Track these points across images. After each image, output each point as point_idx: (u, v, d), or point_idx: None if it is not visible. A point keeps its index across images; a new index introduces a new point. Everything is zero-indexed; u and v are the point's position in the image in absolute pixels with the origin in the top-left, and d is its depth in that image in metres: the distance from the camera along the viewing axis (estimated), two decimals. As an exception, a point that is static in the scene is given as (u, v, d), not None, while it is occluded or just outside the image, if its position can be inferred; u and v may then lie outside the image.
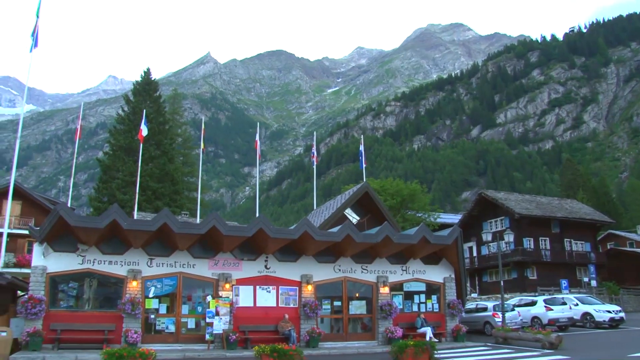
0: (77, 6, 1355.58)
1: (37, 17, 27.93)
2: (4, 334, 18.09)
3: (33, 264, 19.71)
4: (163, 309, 20.66)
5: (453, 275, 25.35)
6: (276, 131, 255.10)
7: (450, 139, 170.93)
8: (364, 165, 36.25)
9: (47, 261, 19.64)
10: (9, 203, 26.92)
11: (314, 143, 40.66)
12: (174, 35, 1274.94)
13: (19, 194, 34.50)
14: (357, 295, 23.60)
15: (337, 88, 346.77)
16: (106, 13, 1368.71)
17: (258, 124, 42.04)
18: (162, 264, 20.73)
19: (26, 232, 34.59)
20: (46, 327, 18.90)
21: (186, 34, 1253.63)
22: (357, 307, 23.37)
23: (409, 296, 24.60)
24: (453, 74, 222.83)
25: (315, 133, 45.65)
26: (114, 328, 19.41)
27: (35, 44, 28.07)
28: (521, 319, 28.12)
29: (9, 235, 27.71)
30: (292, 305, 22.03)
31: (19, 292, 23.04)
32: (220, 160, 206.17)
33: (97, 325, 19.46)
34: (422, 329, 22.57)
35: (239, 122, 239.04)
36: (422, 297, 24.80)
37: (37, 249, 19.75)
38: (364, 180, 34.42)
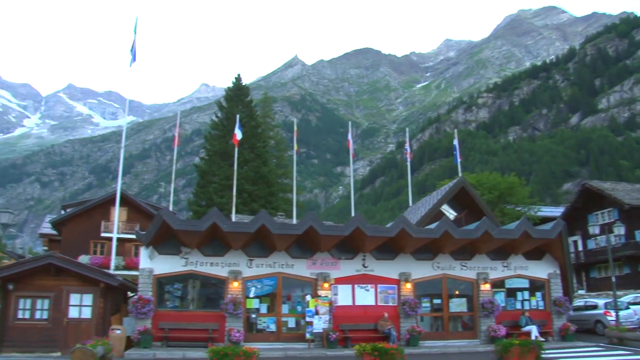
0: (171, 20, 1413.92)
1: (135, 33, 29.27)
2: (118, 331, 19.10)
3: (140, 266, 20.68)
4: (264, 309, 21.07)
5: (558, 271, 24.12)
6: (367, 129, 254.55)
7: (547, 128, 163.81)
8: (458, 160, 35.39)
9: (153, 264, 20.54)
10: (116, 209, 28.39)
11: (407, 139, 40.16)
12: (262, 40, 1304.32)
13: (124, 200, 36.25)
14: (457, 292, 23.02)
15: (426, 83, 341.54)
16: (197, 24, 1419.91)
17: (350, 123, 42.01)
18: (262, 264, 21.12)
19: (132, 236, 36.31)
20: (155, 325, 19.78)
21: (273, 39, 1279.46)
22: (458, 305, 22.79)
23: (511, 293, 23.64)
24: (548, 60, 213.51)
25: (407, 129, 45.05)
26: (218, 327, 20.00)
27: (134, 59, 29.40)
28: (638, 318, 26.26)
29: (118, 239, 29.17)
30: (391, 304, 21.80)
31: (129, 293, 24.21)
32: (313, 161, 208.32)
33: (201, 324, 20.14)
34: (527, 328, 21.62)
35: (329, 122, 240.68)
36: (526, 294, 23.74)
37: (143, 252, 20.71)
38: (460, 175, 33.60)
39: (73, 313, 19.63)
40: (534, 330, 21.26)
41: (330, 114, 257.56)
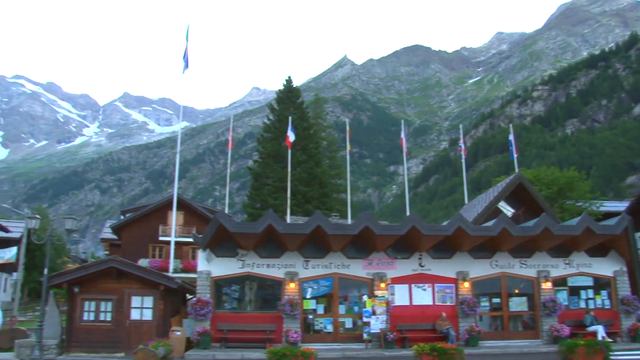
0: (221, 25, 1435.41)
1: (187, 40, 29.85)
2: (178, 333, 19.50)
3: (198, 269, 21.04)
4: (320, 309, 21.09)
5: (625, 269, 23.15)
6: (419, 127, 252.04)
7: (607, 119, 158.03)
8: (515, 155, 34.53)
9: (210, 266, 20.86)
10: (173, 214, 28.98)
11: (461, 136, 39.49)
12: (311, 42, 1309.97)
13: (181, 205, 36.99)
14: (516, 291, 22.45)
15: (478, 78, 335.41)
16: (247, 29, 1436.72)
17: (402, 121, 41.62)
18: (318, 265, 21.15)
19: (189, 239, 37.04)
20: (213, 327, 20.09)
21: (322, 40, 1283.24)
22: (518, 304, 22.21)
23: (574, 292, 22.84)
24: (607, 49, 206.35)
25: (460, 126, 44.27)
26: (275, 328, 20.14)
27: (187, 66, 29.95)
28: None
29: (175, 243, 29.76)
30: (448, 303, 21.46)
31: (187, 295, 24.66)
32: (366, 161, 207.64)
33: (258, 325, 20.33)
34: (592, 328, 20.84)
35: (380, 122, 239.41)
36: (590, 292, 22.86)
37: (201, 255, 21.07)
38: (516, 170, 32.81)
39: (135, 315, 20.13)
40: (600, 331, 20.48)
41: (381, 113, 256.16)
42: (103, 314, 20.13)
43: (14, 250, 34.18)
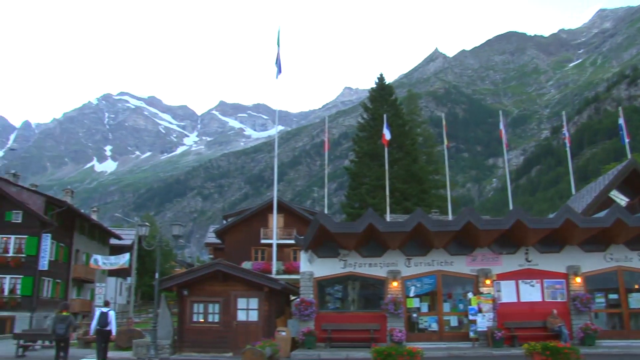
0: (310, 27, 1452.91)
1: (278, 46, 30.27)
2: (283, 333, 19.80)
3: (301, 270, 21.29)
4: (424, 308, 20.79)
5: None
6: (517, 117, 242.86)
7: None
8: (626, 140, 32.38)
9: (313, 267, 21.05)
10: (274, 216, 29.53)
11: (564, 123, 37.60)
12: (401, 38, 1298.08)
13: (280, 207, 37.55)
14: (636, 286, 20.99)
15: (579, 60, 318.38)
16: (335, 29, 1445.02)
17: (500, 112, 40.18)
18: (420, 263, 20.82)
19: (290, 241, 37.50)
20: (318, 327, 20.26)
21: (412, 35, 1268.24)
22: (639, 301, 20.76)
23: None
24: None
25: (563, 113, 42.20)
26: (379, 327, 20.05)
27: (280, 71, 30.39)
28: None
29: (277, 245, 30.27)
30: (559, 300, 20.44)
31: (291, 296, 25.03)
32: (463, 155, 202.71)
33: (362, 325, 20.29)
34: None
35: (476, 114, 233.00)
36: None
37: (303, 256, 21.31)
38: (629, 156, 30.76)
39: (241, 316, 20.65)
40: None
41: (477, 105, 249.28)
42: (211, 316, 20.80)
43: (126, 256, 36.00)
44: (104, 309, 17.26)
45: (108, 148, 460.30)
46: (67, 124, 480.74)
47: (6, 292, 36.96)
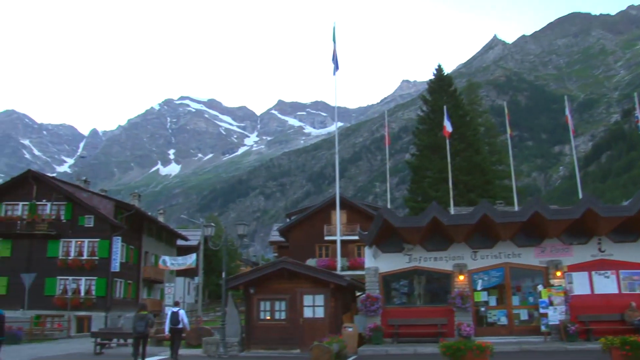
0: (364, 22, 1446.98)
1: (334, 42, 30.23)
2: (350, 329, 19.79)
3: (366, 265, 21.24)
4: (493, 301, 20.39)
5: None
6: (584, 101, 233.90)
7: None
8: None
9: (377, 262, 20.96)
10: (337, 213, 29.55)
11: (636, 105, 35.91)
12: (458, 27, 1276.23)
13: (343, 203, 37.49)
14: None
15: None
16: (390, 23, 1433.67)
17: (565, 97, 38.81)
18: (487, 255, 20.40)
19: (353, 237, 37.55)
20: (384, 322, 20.18)
21: (469, 23, 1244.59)
22: None
23: None
24: None
25: (635, 94, 40.43)
26: (446, 322, 19.80)
27: (337, 67, 30.36)
28: None
29: (340, 241, 30.27)
30: (638, 292, 19.56)
31: (356, 292, 25.00)
32: (527, 143, 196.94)
33: (429, 319, 20.08)
34: None
35: (540, 100, 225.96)
36: None
37: (367, 251, 21.25)
38: None
39: (307, 313, 20.74)
40: None
41: (540, 92, 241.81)
42: (278, 313, 21.01)
43: (193, 256, 36.90)
44: (175, 309, 18.21)
45: (171, 151, 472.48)
46: (132, 130, 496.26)
47: (82, 293, 38.51)
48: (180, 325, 18.02)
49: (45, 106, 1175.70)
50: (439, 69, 58.42)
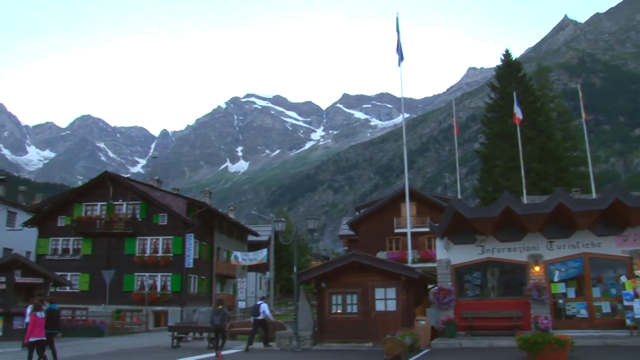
0: (428, 9, 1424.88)
1: (398, 33, 29.84)
2: (423, 322, 19.55)
3: (437, 257, 20.93)
4: (571, 293, 19.62)
5: None
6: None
7: None
8: None
9: (449, 254, 20.61)
10: (407, 205, 29.26)
11: None
12: (525, 8, 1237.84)
13: (412, 195, 37.14)
14: None
15: None
16: (455, 8, 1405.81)
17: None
18: (563, 245, 19.64)
19: (423, 229, 37.16)
20: (458, 315, 19.82)
21: (537, 4, 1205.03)
22: None
23: None
24: None
25: None
26: (522, 314, 19.25)
27: (402, 58, 29.99)
28: None
29: (410, 234, 29.97)
30: None
31: (428, 284, 24.70)
32: (604, 127, 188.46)
33: (504, 312, 19.59)
34: None
35: (617, 82, 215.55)
36: None
37: (438, 243, 20.92)
38: None
39: (379, 306, 20.59)
40: None
41: (617, 72, 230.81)
42: (350, 306, 20.98)
43: (264, 251, 37.43)
44: (259, 302, 21.16)
45: (239, 149, 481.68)
46: (200, 129, 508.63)
47: (159, 289, 39.80)
48: (261, 317, 20.23)
49: (118, 110, 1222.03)
50: (507, 54, 56.76)
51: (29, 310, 22.59)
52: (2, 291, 26.99)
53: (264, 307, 20.80)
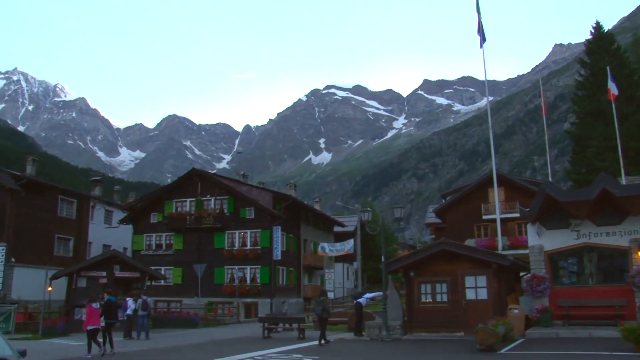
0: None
1: (479, 13, 28.87)
2: (516, 311, 18.92)
3: (529, 243, 20.16)
4: (683, 280, 18.33)
5: None
6: None
7: None
8: None
9: (542, 240, 19.84)
10: (495, 191, 28.38)
11: None
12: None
13: (500, 180, 35.99)
14: None
15: None
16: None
17: None
18: (668, 228, 18.40)
19: (513, 215, 35.94)
20: (553, 303, 19.10)
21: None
22: None
23: None
24: None
25: None
26: (625, 303, 18.23)
27: (484, 39, 29.03)
28: None
29: (500, 220, 29.05)
30: None
31: (520, 272, 23.88)
32: None
33: (604, 300, 18.66)
34: None
35: None
36: None
37: (530, 229, 20.15)
38: None
39: (470, 295, 20.14)
40: None
41: None
42: (439, 295, 20.67)
43: (351, 242, 37.43)
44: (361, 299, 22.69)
45: (321, 141, 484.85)
46: (282, 123, 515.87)
47: (248, 281, 40.68)
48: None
49: (202, 108, 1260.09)
50: (598, 26, 53.74)
51: (130, 303, 23.89)
52: (103, 285, 28.37)
53: (365, 301, 22.54)
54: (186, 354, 17.65)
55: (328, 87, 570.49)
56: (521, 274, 23.84)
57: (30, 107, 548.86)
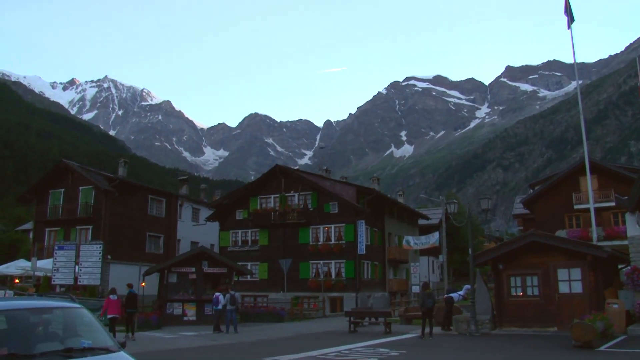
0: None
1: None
2: (615, 306, 18.00)
3: (629, 234, 19.17)
4: None
5: None
6: None
7: None
8: None
9: (643, 230, 18.74)
10: (588, 179, 27.16)
11: None
12: None
13: (592, 168, 34.40)
14: None
15: None
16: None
17: None
18: None
19: (608, 204, 34.26)
20: (661, 299, 17.94)
21: None
22: None
23: None
24: None
25: None
26: None
27: (572, 19, 27.78)
28: None
29: (594, 209, 27.76)
30: None
31: (619, 264, 22.67)
32: None
33: None
34: None
35: None
36: None
37: (629, 218, 19.16)
38: None
39: (563, 288, 19.38)
40: None
41: None
42: (530, 289, 20.03)
43: (436, 235, 36.82)
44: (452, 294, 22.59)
45: (403, 133, 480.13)
46: (363, 117, 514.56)
47: (333, 276, 40.85)
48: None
49: (282, 105, 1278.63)
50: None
51: (220, 297, 24.59)
52: (193, 281, 29.33)
53: (457, 297, 22.41)
54: (275, 347, 17.95)
55: (407, 78, 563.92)
56: (620, 266, 22.64)
57: (120, 112, 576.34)
